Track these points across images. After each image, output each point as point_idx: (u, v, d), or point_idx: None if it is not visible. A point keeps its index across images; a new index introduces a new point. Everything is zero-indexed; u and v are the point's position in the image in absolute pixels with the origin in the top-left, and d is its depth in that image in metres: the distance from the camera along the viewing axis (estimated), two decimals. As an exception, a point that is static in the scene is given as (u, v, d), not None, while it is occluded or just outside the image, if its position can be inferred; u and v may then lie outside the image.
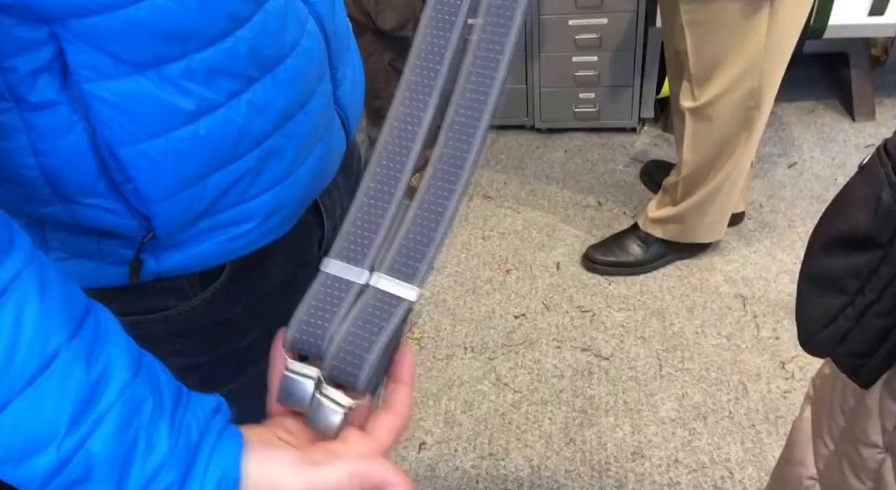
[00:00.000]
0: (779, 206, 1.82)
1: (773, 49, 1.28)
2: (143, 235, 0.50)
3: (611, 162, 2.02)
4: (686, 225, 1.59)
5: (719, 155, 1.44)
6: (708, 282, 1.64)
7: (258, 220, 0.53)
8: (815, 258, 0.48)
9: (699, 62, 1.33)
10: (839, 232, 0.46)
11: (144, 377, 0.37)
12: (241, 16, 0.45)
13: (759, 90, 1.34)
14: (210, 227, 0.52)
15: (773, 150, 1.98)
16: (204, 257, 0.53)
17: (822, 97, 2.13)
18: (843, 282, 0.45)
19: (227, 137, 0.48)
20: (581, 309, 1.61)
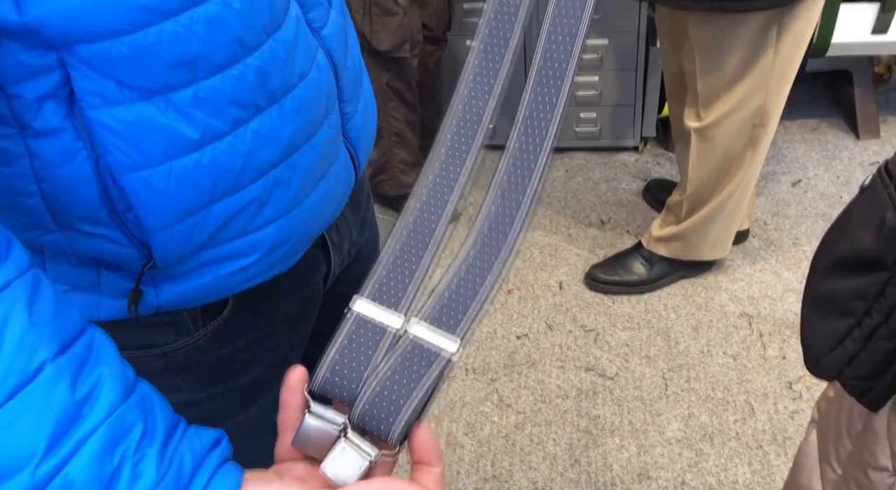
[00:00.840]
0: (783, 224, 1.81)
1: (780, 69, 1.29)
2: (142, 265, 0.49)
3: (613, 180, 2.02)
4: (690, 242, 1.58)
5: (724, 173, 1.44)
6: (713, 300, 1.63)
7: (261, 252, 0.53)
8: (819, 280, 0.48)
9: (707, 83, 1.34)
10: (843, 253, 0.46)
11: (136, 402, 0.35)
12: (249, 43, 0.45)
13: (765, 109, 1.34)
14: (212, 260, 0.51)
15: (778, 168, 1.98)
16: (205, 290, 0.53)
17: (825, 115, 2.13)
18: (849, 304, 0.44)
19: (231, 167, 0.48)
20: (585, 328, 1.60)
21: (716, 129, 1.38)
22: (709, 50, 1.30)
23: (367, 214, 0.69)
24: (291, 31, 0.49)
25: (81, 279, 0.51)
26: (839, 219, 0.50)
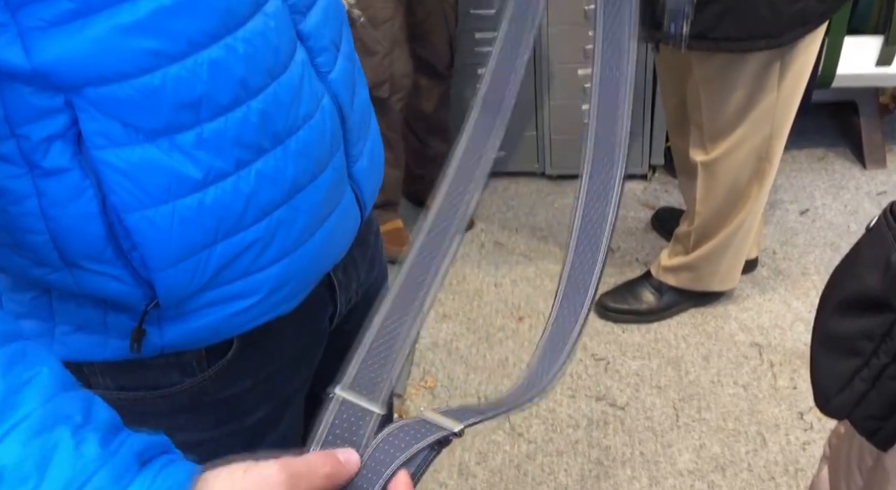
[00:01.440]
0: (792, 253, 1.83)
1: (784, 103, 1.31)
2: (146, 304, 0.50)
3: (622, 209, 2.04)
4: (699, 273, 1.60)
5: (731, 206, 1.46)
6: (723, 330, 1.64)
7: (264, 292, 0.53)
8: (827, 319, 0.49)
9: (712, 119, 1.36)
10: (850, 294, 0.47)
11: (78, 397, 0.34)
12: (252, 87, 0.47)
13: (771, 142, 1.37)
14: (215, 300, 0.52)
15: (785, 197, 2.00)
16: (209, 331, 0.53)
17: (832, 145, 2.15)
18: (857, 344, 0.46)
19: (234, 207, 0.48)
20: (595, 357, 1.61)
21: (722, 163, 1.41)
22: (713, 87, 1.32)
23: (375, 253, 0.69)
24: (297, 76, 0.49)
25: (88, 319, 0.51)
26: (846, 258, 0.51)
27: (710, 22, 1.17)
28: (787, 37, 1.20)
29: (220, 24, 0.44)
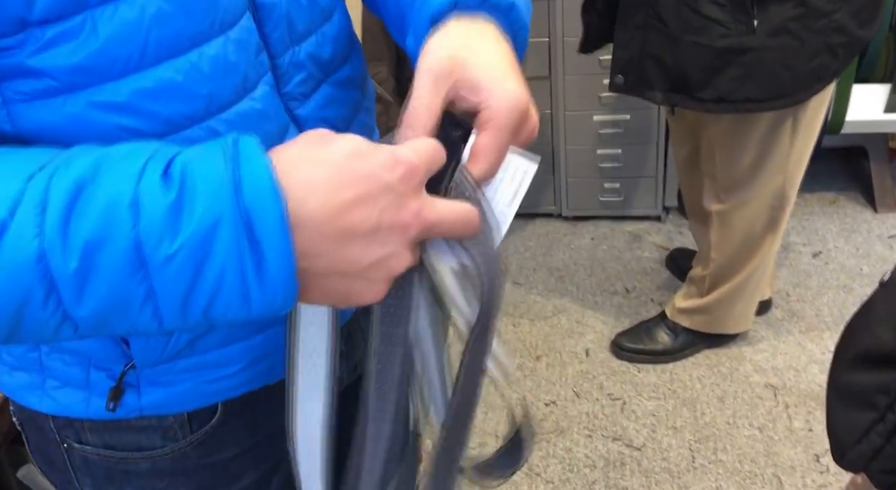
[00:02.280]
0: (805, 295, 1.86)
1: (797, 154, 1.35)
2: (125, 364, 0.51)
3: (637, 249, 2.08)
4: (714, 316, 1.63)
5: (745, 253, 1.50)
6: (738, 371, 1.66)
7: (244, 363, 0.53)
8: (842, 371, 0.52)
9: (727, 171, 1.40)
10: (864, 348, 0.50)
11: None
12: None
13: (784, 193, 1.41)
14: (193, 367, 0.52)
15: (798, 240, 2.03)
16: (188, 397, 0.53)
17: (843, 188, 2.20)
18: (872, 398, 0.48)
19: None
20: (611, 397, 1.64)
21: (736, 213, 1.44)
22: (726, 144, 1.36)
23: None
24: None
25: (73, 376, 0.52)
26: (860, 311, 0.54)
27: (729, 86, 1.21)
28: (804, 94, 1.24)
29: (202, 108, 0.44)
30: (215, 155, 0.34)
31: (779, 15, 1.14)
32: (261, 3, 0.46)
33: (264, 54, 0.47)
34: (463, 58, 0.42)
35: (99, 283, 0.33)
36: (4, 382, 0.55)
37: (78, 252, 0.33)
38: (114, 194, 0.33)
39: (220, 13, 0.43)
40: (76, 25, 0.39)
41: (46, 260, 0.32)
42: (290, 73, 0.49)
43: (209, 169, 0.33)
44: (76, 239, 0.32)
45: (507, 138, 0.41)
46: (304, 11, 0.49)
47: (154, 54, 0.41)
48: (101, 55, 0.40)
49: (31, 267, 0.32)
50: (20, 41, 0.38)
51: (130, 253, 0.33)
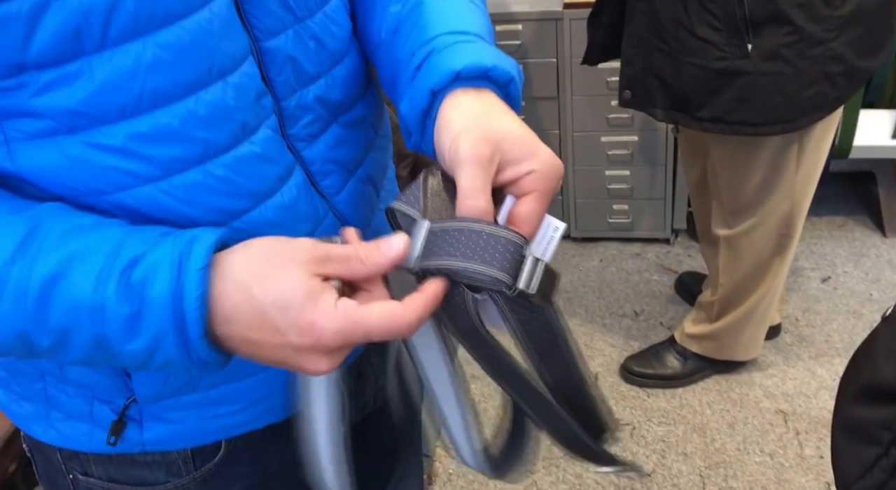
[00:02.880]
0: (815, 320, 1.86)
1: (803, 180, 1.36)
2: (127, 397, 0.51)
3: (646, 272, 2.09)
4: (723, 343, 1.63)
5: (754, 279, 1.50)
6: (748, 396, 1.66)
7: (245, 402, 0.53)
8: (846, 406, 0.53)
9: (733, 196, 1.41)
10: (867, 382, 0.51)
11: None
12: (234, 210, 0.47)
13: (791, 219, 1.41)
14: (195, 403, 0.52)
15: (806, 264, 2.04)
16: (190, 433, 0.53)
17: (851, 213, 2.20)
18: (875, 432, 0.49)
19: None
20: (620, 422, 1.64)
21: (743, 239, 1.45)
22: (731, 167, 1.37)
23: (400, 359, 0.67)
24: (290, 197, 0.49)
25: (77, 408, 0.53)
26: (863, 346, 0.55)
27: (725, 106, 1.22)
28: (802, 122, 1.24)
29: (198, 153, 0.44)
30: (168, 272, 0.40)
31: (773, 40, 1.16)
32: (265, 48, 0.46)
33: (267, 98, 0.47)
34: (496, 137, 0.43)
35: (71, 352, 0.41)
36: (13, 411, 0.56)
37: (53, 333, 0.40)
38: (79, 296, 0.39)
39: (218, 60, 0.44)
40: (73, 71, 0.40)
41: (28, 334, 0.40)
42: (298, 115, 0.49)
43: (159, 288, 0.40)
44: (50, 325, 0.40)
45: (547, 202, 0.44)
46: (311, 55, 0.49)
47: (150, 100, 0.42)
48: (97, 100, 0.41)
49: (13, 339, 0.41)
50: (18, 84, 0.40)
51: (94, 341, 0.40)
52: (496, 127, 0.43)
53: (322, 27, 0.50)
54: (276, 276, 0.39)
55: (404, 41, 0.50)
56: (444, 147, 0.44)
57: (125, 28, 0.40)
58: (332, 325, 0.39)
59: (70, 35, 0.39)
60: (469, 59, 0.45)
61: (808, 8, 1.14)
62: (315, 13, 0.50)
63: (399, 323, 0.40)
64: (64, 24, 0.38)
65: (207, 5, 0.43)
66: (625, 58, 1.30)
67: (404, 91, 0.48)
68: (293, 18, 0.48)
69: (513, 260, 0.41)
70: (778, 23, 1.15)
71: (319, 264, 0.40)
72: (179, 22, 0.42)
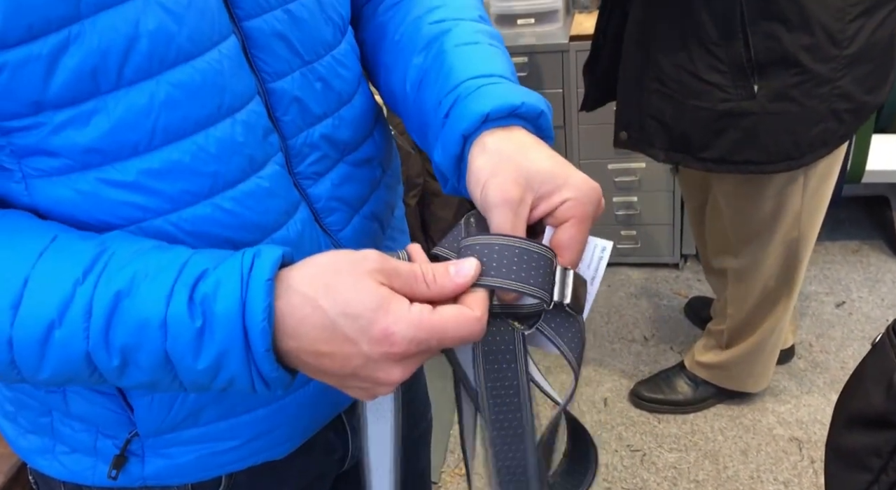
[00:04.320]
0: (829, 346, 1.85)
1: (809, 211, 1.35)
2: (129, 431, 0.53)
3: (655, 297, 2.09)
4: (732, 373, 1.62)
5: (762, 310, 1.50)
6: (760, 423, 1.65)
7: (248, 436, 0.54)
8: (838, 433, 0.54)
9: (738, 231, 1.41)
10: (857, 409, 0.52)
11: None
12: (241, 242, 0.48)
13: (798, 250, 1.41)
14: (196, 438, 0.54)
15: (820, 289, 2.03)
16: (191, 468, 0.55)
17: (866, 237, 2.20)
18: (866, 459, 0.50)
19: None
20: (631, 448, 1.63)
21: (752, 270, 1.45)
22: (736, 203, 1.37)
23: (409, 394, 0.67)
24: (295, 232, 0.50)
25: (82, 442, 0.54)
26: (854, 373, 0.56)
27: (730, 146, 1.23)
28: (808, 158, 1.24)
29: (208, 187, 0.46)
30: (234, 285, 0.40)
31: (779, 81, 1.16)
32: (271, 89, 0.48)
33: (274, 135, 0.49)
34: (525, 176, 0.43)
35: (136, 372, 0.42)
36: (19, 445, 0.58)
37: (118, 353, 0.41)
38: (147, 313, 0.40)
39: (227, 98, 0.46)
40: (89, 109, 0.42)
41: (92, 357, 0.41)
42: (304, 153, 0.51)
43: (227, 302, 0.40)
44: (115, 343, 0.40)
45: (589, 227, 0.44)
46: (318, 96, 0.51)
47: (162, 137, 0.44)
48: (111, 137, 0.43)
49: (80, 361, 0.41)
50: (36, 122, 0.41)
51: (161, 358, 0.41)
52: (524, 166, 0.44)
53: (329, 70, 0.52)
54: (343, 287, 0.39)
55: (430, 91, 0.51)
56: (475, 195, 0.45)
57: (140, 68, 0.42)
58: (407, 332, 0.39)
59: (87, 75, 0.41)
60: (497, 101, 0.46)
61: (815, 50, 1.13)
62: (323, 57, 0.51)
63: (472, 324, 0.40)
64: (82, 64, 0.40)
65: (217, 46, 0.45)
66: (621, 100, 1.31)
67: (435, 140, 0.49)
68: (300, 61, 0.50)
69: (544, 273, 0.42)
70: (785, 65, 1.14)
71: (387, 277, 0.40)
72: (191, 61, 0.44)
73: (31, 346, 0.40)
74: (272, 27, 0.48)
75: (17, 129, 0.42)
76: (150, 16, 0.41)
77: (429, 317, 0.39)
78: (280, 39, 0.48)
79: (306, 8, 0.49)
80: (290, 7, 0.48)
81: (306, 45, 0.50)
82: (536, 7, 1.97)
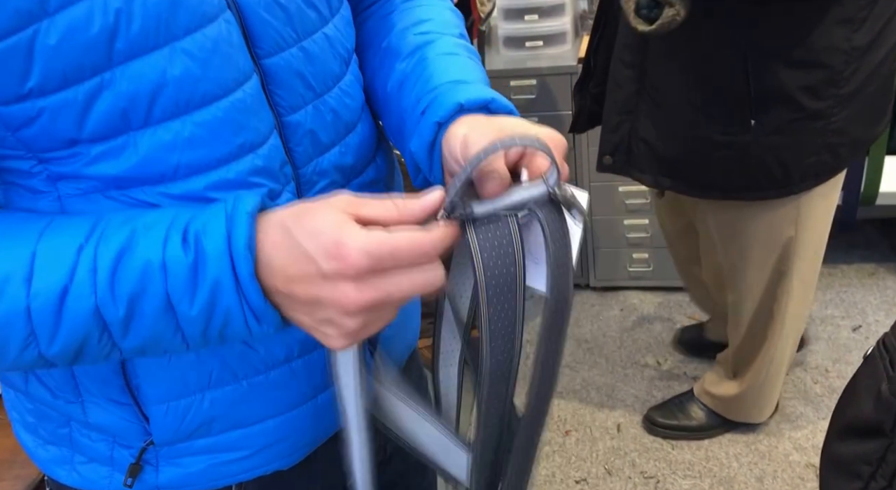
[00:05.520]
0: (846, 370, 1.84)
1: (803, 243, 1.34)
2: (145, 441, 0.55)
3: (668, 320, 2.10)
4: (735, 404, 1.63)
5: (756, 340, 1.50)
6: (776, 449, 1.64)
7: (257, 446, 0.57)
8: (832, 442, 0.56)
9: (729, 261, 1.42)
10: (849, 419, 0.54)
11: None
12: None
13: (790, 286, 1.39)
14: (209, 447, 0.56)
15: (836, 313, 2.03)
16: (203, 477, 0.57)
17: (882, 260, 2.20)
18: (857, 467, 0.52)
19: (230, 355, 0.53)
20: (644, 475, 1.63)
21: (740, 301, 1.46)
22: (728, 234, 1.37)
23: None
24: None
25: (99, 452, 0.57)
26: (848, 385, 0.59)
27: (724, 175, 1.24)
28: (798, 187, 1.24)
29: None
30: (219, 221, 0.44)
31: (777, 117, 1.17)
32: (286, 122, 0.52)
33: (288, 166, 0.52)
34: (499, 126, 0.48)
35: (141, 323, 0.45)
36: (38, 456, 0.61)
37: (124, 302, 0.44)
38: (147, 257, 0.44)
39: (247, 135, 0.49)
40: (119, 144, 0.46)
41: (101, 311, 0.44)
42: (314, 180, 0.54)
43: (214, 237, 0.44)
44: (121, 293, 0.44)
45: (563, 157, 0.47)
46: (328, 126, 0.54)
47: (186, 171, 0.48)
48: (139, 169, 0.47)
49: (90, 317, 0.44)
50: (72, 154, 0.46)
51: (163, 301, 0.44)
52: (497, 122, 0.49)
53: (338, 100, 0.55)
54: (310, 213, 0.44)
55: (410, 91, 0.55)
56: (455, 150, 0.48)
57: (167, 109, 0.46)
58: (356, 243, 0.41)
59: (118, 116, 0.45)
60: (471, 95, 0.51)
61: (813, 90, 1.15)
62: (332, 89, 0.55)
63: (424, 242, 0.42)
64: (113, 106, 0.44)
65: (241, 86, 0.48)
66: (608, 124, 1.32)
67: (411, 132, 0.54)
68: (313, 95, 0.53)
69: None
70: (783, 103, 1.16)
71: (352, 206, 0.44)
72: (215, 102, 0.47)
73: (47, 313, 0.44)
74: (289, 64, 0.51)
75: (54, 159, 0.46)
76: (176, 63, 0.45)
77: (380, 232, 0.42)
78: (296, 75, 0.51)
79: (317, 44, 0.53)
80: (304, 44, 0.52)
81: (318, 78, 0.53)
82: (545, 30, 2.02)
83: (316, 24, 0.53)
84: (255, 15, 0.48)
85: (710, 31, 1.15)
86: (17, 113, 0.43)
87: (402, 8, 0.61)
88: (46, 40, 0.41)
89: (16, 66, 0.41)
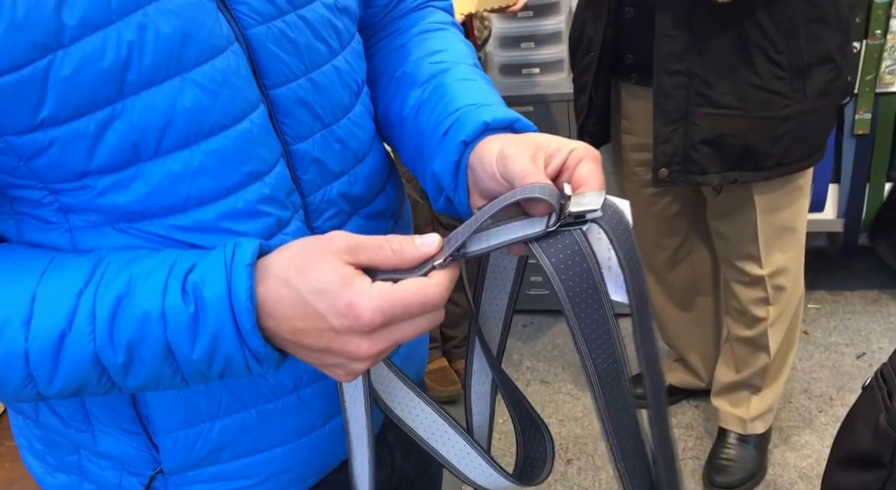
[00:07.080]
0: (850, 398, 1.84)
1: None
2: (154, 469, 0.56)
3: (671, 347, 2.10)
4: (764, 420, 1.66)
5: (791, 331, 1.58)
6: (782, 478, 1.64)
7: (264, 475, 0.58)
8: (832, 472, 0.57)
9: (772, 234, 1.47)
10: (848, 450, 0.56)
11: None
12: None
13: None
14: (217, 476, 0.57)
15: (840, 340, 2.04)
16: None
17: (885, 286, 2.21)
18: None
19: (239, 384, 0.55)
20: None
21: (785, 273, 1.51)
22: (776, 207, 1.43)
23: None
24: None
25: (108, 480, 0.58)
26: (847, 415, 0.60)
27: (784, 149, 1.32)
28: (823, 150, 1.37)
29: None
30: (219, 272, 0.45)
31: (820, 79, 1.27)
32: (293, 151, 0.53)
33: (296, 194, 0.54)
34: (534, 140, 0.48)
35: (141, 367, 0.46)
36: (47, 483, 0.62)
37: (123, 349, 0.45)
38: (146, 307, 0.45)
39: (255, 163, 0.50)
40: (129, 176, 0.47)
41: (100, 357, 0.45)
42: (322, 208, 0.56)
43: (214, 288, 0.45)
44: (120, 340, 0.45)
45: (600, 169, 0.47)
46: (336, 156, 0.56)
47: (195, 201, 0.49)
48: (148, 201, 0.48)
49: (88, 362, 0.46)
50: (82, 186, 0.47)
51: (163, 349, 0.46)
52: (531, 138, 0.49)
53: (347, 131, 0.57)
54: (312, 267, 0.44)
55: (430, 114, 0.56)
56: (491, 166, 0.48)
57: (177, 140, 0.47)
58: (369, 303, 0.43)
59: (129, 147, 0.46)
60: (496, 114, 0.52)
61: (843, 45, 1.28)
62: (340, 119, 0.56)
63: (432, 290, 0.44)
64: (124, 138, 0.45)
65: (248, 116, 0.49)
66: (660, 136, 1.33)
67: (433, 153, 0.54)
68: (321, 125, 0.54)
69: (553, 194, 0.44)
70: (825, 62, 1.26)
71: (351, 253, 0.45)
72: (224, 132, 0.48)
73: (45, 357, 0.45)
74: (296, 95, 0.52)
75: (65, 190, 0.48)
76: (186, 94, 0.46)
77: (389, 288, 0.44)
78: (303, 106, 0.53)
79: (326, 76, 0.54)
80: (312, 75, 0.53)
81: (326, 109, 0.55)
82: (542, 58, 2.04)
83: (325, 56, 0.54)
84: (263, 47, 0.50)
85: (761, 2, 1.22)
86: (30, 142, 0.44)
87: (415, 40, 0.63)
88: (60, 71, 0.42)
89: (30, 96, 0.42)
